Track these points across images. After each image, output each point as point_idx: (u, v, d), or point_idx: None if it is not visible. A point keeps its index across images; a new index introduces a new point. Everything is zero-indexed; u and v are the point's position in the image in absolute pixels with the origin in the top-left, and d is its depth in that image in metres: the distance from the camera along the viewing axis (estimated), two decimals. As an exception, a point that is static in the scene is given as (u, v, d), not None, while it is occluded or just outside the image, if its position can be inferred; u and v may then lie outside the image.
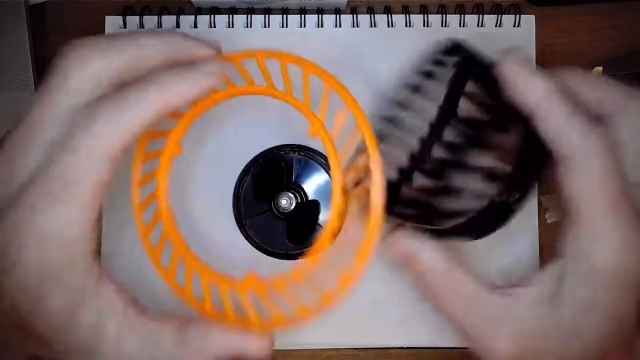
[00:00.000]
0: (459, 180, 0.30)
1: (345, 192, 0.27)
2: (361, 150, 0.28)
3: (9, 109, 0.40)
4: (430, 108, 0.30)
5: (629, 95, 0.26)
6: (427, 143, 0.28)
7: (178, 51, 0.26)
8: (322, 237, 0.28)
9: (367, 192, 0.27)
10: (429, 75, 0.35)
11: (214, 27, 0.40)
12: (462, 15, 0.40)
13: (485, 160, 0.30)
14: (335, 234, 0.28)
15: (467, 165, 0.31)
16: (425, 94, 0.35)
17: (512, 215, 0.28)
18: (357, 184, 0.29)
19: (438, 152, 0.29)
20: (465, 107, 0.29)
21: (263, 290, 0.28)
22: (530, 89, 0.26)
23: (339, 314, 0.39)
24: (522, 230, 0.39)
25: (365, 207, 0.27)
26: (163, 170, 0.29)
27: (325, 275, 0.28)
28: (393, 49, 0.40)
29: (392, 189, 0.28)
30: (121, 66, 0.24)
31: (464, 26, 0.40)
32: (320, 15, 0.40)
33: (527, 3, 0.41)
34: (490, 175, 0.28)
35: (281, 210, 0.38)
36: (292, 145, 0.39)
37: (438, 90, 0.29)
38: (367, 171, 0.27)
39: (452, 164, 0.30)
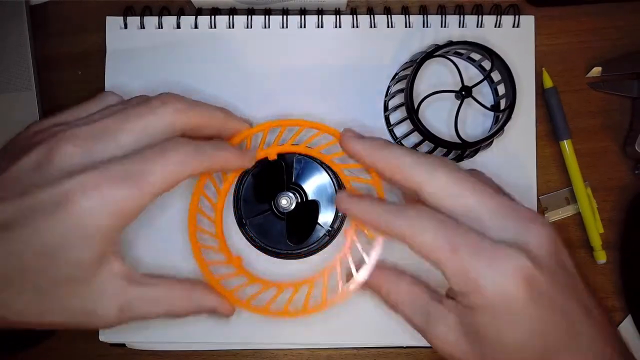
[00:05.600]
0: None
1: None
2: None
3: (9, 109, 0.40)
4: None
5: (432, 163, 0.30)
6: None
7: (228, 123, 0.34)
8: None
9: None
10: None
11: (214, 27, 0.40)
12: (462, 16, 0.40)
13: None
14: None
15: None
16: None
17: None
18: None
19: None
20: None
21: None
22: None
23: (339, 314, 0.39)
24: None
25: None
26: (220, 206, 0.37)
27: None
28: (393, 50, 0.40)
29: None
30: (194, 124, 0.31)
31: (463, 27, 0.40)
32: (320, 16, 0.40)
33: (527, 4, 0.41)
34: None
35: (281, 210, 0.38)
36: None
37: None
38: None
39: None
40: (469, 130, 0.40)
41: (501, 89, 0.39)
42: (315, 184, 0.39)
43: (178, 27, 0.40)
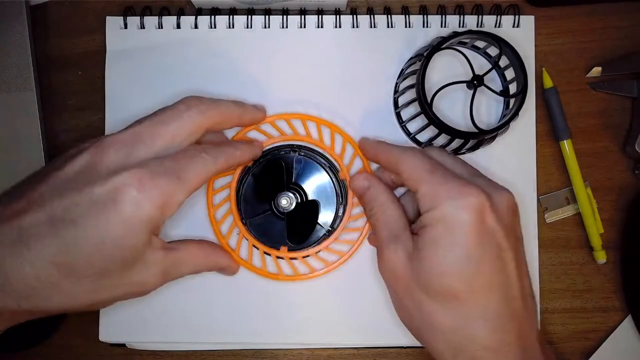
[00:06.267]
0: None
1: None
2: None
3: (9, 109, 0.40)
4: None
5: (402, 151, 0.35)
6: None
7: (245, 115, 0.37)
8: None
9: None
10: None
11: (214, 27, 0.40)
12: (462, 16, 0.40)
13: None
14: None
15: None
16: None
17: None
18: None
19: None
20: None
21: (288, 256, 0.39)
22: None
23: (339, 314, 0.39)
24: (522, 229, 0.39)
25: None
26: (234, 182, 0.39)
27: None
28: (393, 50, 0.40)
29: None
30: (215, 122, 0.34)
31: (463, 27, 0.40)
32: (320, 16, 0.40)
33: (527, 4, 0.41)
34: None
35: (281, 210, 0.38)
36: (292, 145, 0.39)
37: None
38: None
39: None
40: (481, 119, 0.39)
41: (509, 74, 0.38)
42: (315, 184, 0.39)
43: (178, 27, 0.40)
